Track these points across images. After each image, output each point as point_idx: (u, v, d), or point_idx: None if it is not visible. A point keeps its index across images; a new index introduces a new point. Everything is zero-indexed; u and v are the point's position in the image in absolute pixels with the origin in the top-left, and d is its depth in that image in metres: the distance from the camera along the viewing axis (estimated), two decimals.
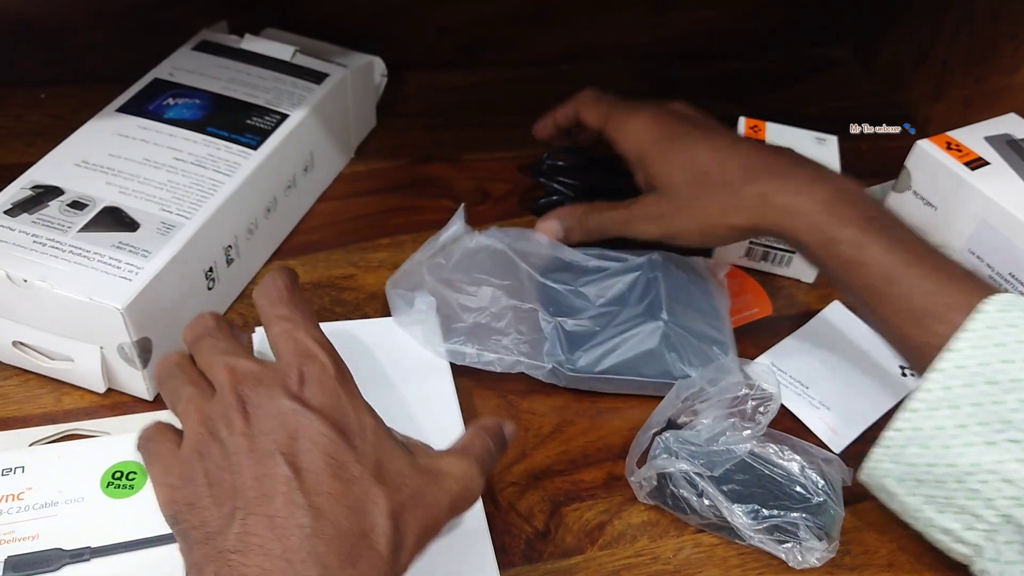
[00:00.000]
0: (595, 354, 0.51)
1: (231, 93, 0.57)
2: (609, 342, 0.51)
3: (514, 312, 0.51)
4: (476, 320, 0.51)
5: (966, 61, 0.76)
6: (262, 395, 0.33)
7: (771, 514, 0.44)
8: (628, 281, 0.54)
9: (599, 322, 0.52)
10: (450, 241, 0.53)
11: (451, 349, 0.50)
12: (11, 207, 0.47)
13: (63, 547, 0.38)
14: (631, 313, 0.53)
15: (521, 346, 0.51)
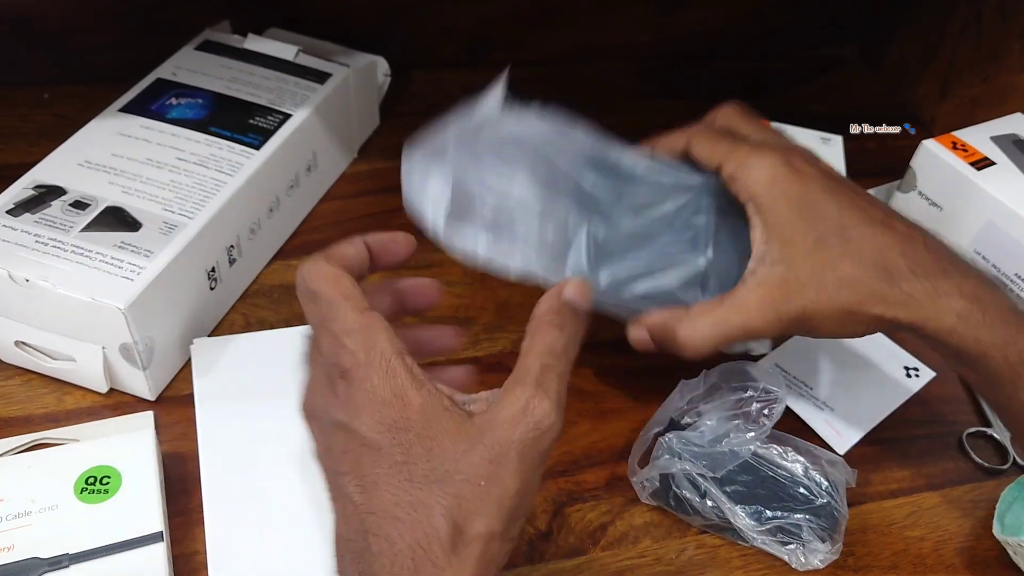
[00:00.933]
0: (623, 276, 0.44)
1: (234, 93, 0.57)
2: (641, 266, 0.45)
3: (543, 208, 0.43)
4: (500, 204, 0.42)
5: (974, 60, 0.75)
6: (317, 411, 0.33)
7: (774, 515, 0.44)
8: (679, 201, 0.47)
9: (636, 241, 0.45)
10: (486, 118, 0.44)
11: (461, 233, 0.41)
12: (13, 207, 0.47)
13: (40, 556, 0.38)
14: (673, 239, 0.46)
15: (544, 248, 0.43)
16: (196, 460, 0.45)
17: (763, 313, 0.42)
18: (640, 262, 0.45)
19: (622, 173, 0.47)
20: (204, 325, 0.52)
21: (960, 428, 0.53)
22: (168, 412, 0.48)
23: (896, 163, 0.66)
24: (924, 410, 0.54)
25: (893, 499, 0.49)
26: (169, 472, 0.45)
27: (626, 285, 0.44)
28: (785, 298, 0.42)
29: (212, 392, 0.47)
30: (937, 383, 0.55)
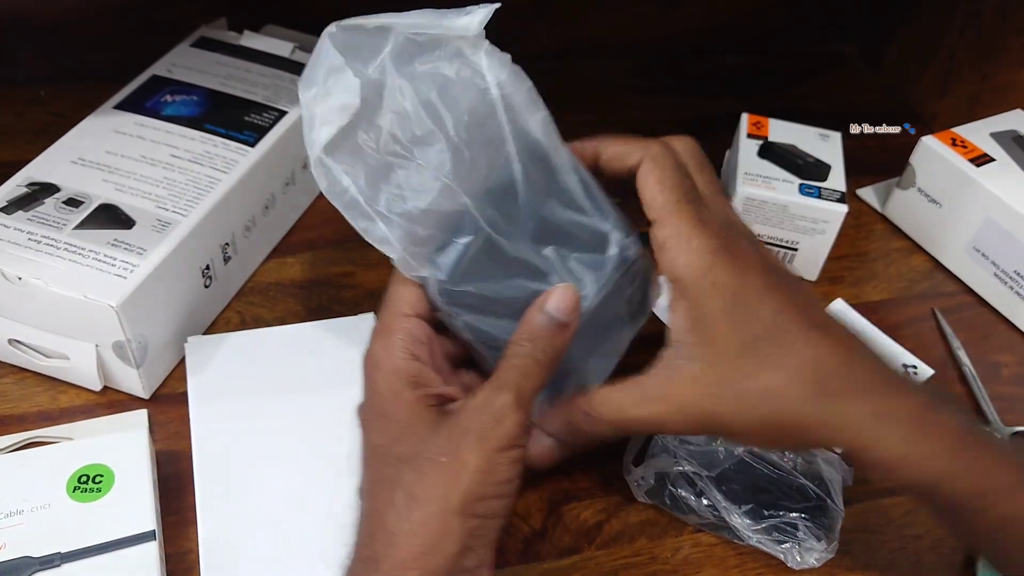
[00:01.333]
0: (474, 300, 0.38)
1: (229, 90, 0.57)
2: (501, 299, 0.38)
3: (448, 183, 0.36)
4: (399, 152, 0.35)
5: (973, 57, 0.75)
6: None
7: (770, 514, 0.44)
8: (580, 246, 0.40)
9: (512, 269, 0.38)
10: (447, 38, 0.38)
11: (337, 162, 0.35)
12: (6, 204, 0.47)
13: (32, 555, 0.38)
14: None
15: (417, 229, 0.36)
16: (189, 459, 0.44)
17: (667, 407, 0.37)
18: (503, 293, 0.38)
19: (552, 184, 0.39)
20: (198, 323, 0.52)
21: None
22: (162, 411, 0.48)
23: (895, 160, 0.66)
24: None
25: (891, 498, 0.49)
26: (162, 471, 0.44)
27: (473, 311, 0.38)
28: (695, 399, 0.37)
29: (206, 390, 0.47)
30: (935, 381, 0.55)
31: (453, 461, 0.33)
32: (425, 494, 0.33)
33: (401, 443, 0.35)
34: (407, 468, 0.34)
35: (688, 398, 0.37)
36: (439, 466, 0.33)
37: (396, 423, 0.35)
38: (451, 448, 0.33)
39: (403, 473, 0.34)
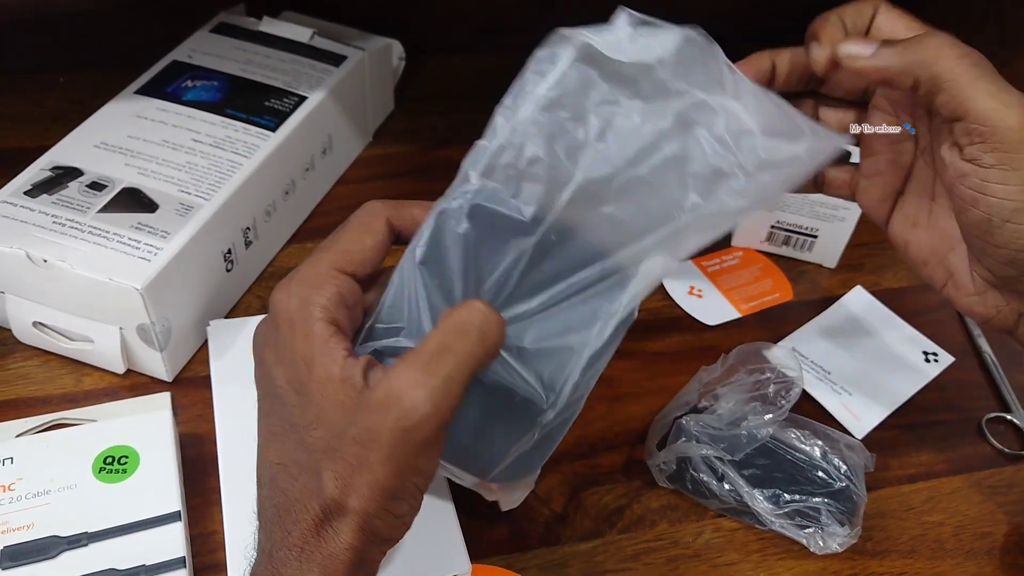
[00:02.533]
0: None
1: (249, 75, 0.57)
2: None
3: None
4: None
5: (993, 45, 0.74)
6: (256, 348, 0.34)
7: (792, 499, 0.44)
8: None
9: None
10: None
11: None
12: (31, 188, 0.47)
13: (59, 534, 0.39)
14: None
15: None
16: (213, 442, 0.44)
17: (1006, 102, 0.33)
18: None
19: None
20: (220, 307, 0.52)
21: (979, 413, 0.52)
22: (185, 393, 0.48)
23: None
24: (943, 395, 0.53)
25: (911, 484, 0.49)
26: (186, 453, 0.45)
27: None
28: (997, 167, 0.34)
29: (229, 373, 0.47)
30: (956, 368, 0.55)
31: (365, 471, 0.29)
32: (349, 502, 0.29)
33: (317, 426, 0.30)
34: (326, 461, 0.30)
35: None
36: (354, 471, 0.29)
37: (314, 402, 0.30)
38: (362, 455, 0.29)
39: (323, 465, 0.30)
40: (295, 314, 0.31)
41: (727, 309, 0.57)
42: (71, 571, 0.38)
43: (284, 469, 0.31)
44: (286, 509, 0.30)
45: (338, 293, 0.32)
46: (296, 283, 0.32)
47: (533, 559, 0.43)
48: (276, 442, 0.32)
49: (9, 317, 0.48)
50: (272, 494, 0.31)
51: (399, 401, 0.28)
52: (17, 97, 0.66)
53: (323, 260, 0.32)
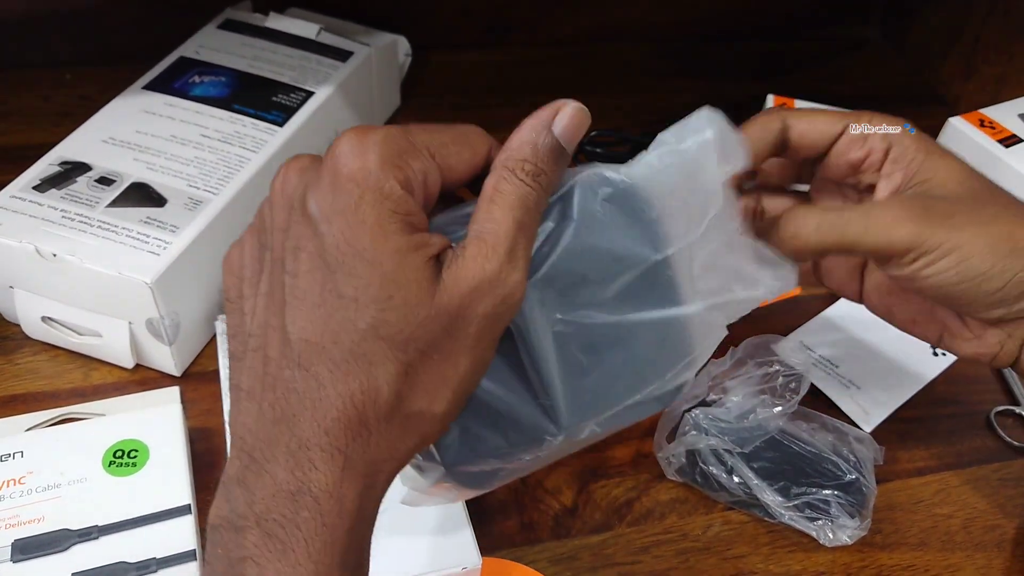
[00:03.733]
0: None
1: (256, 71, 0.57)
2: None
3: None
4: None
5: (1000, 38, 0.74)
6: (296, 184, 0.27)
7: (802, 491, 0.44)
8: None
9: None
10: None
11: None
12: (40, 183, 0.47)
13: (70, 527, 0.39)
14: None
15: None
16: (222, 436, 0.45)
17: (900, 216, 0.34)
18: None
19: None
20: None
21: (987, 407, 0.52)
22: (194, 388, 0.48)
23: None
24: (951, 389, 0.53)
25: (920, 477, 0.49)
26: (195, 447, 0.45)
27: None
28: (927, 209, 0.34)
29: None
30: (964, 362, 0.55)
31: (448, 366, 0.26)
32: (414, 403, 0.26)
33: (383, 308, 0.25)
34: (391, 352, 0.25)
35: (920, 208, 0.35)
36: (432, 366, 0.26)
37: (386, 276, 0.25)
38: (449, 347, 0.26)
39: (386, 356, 0.25)
40: (373, 173, 0.25)
41: None
42: (82, 564, 0.38)
43: (321, 352, 0.25)
44: (318, 401, 0.25)
45: (424, 174, 0.27)
46: (379, 142, 0.26)
47: (543, 552, 0.43)
48: (310, 314, 0.25)
49: (18, 312, 0.48)
50: (288, 383, 0.25)
51: (495, 285, 0.26)
52: (25, 93, 0.67)
53: (418, 135, 0.27)
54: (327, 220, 0.25)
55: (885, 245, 0.34)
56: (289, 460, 0.25)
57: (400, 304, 0.25)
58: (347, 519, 0.25)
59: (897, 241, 0.34)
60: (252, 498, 0.25)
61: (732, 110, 0.43)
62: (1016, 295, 0.35)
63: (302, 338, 0.25)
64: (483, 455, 0.30)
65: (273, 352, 0.26)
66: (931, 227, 0.34)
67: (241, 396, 0.27)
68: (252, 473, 0.25)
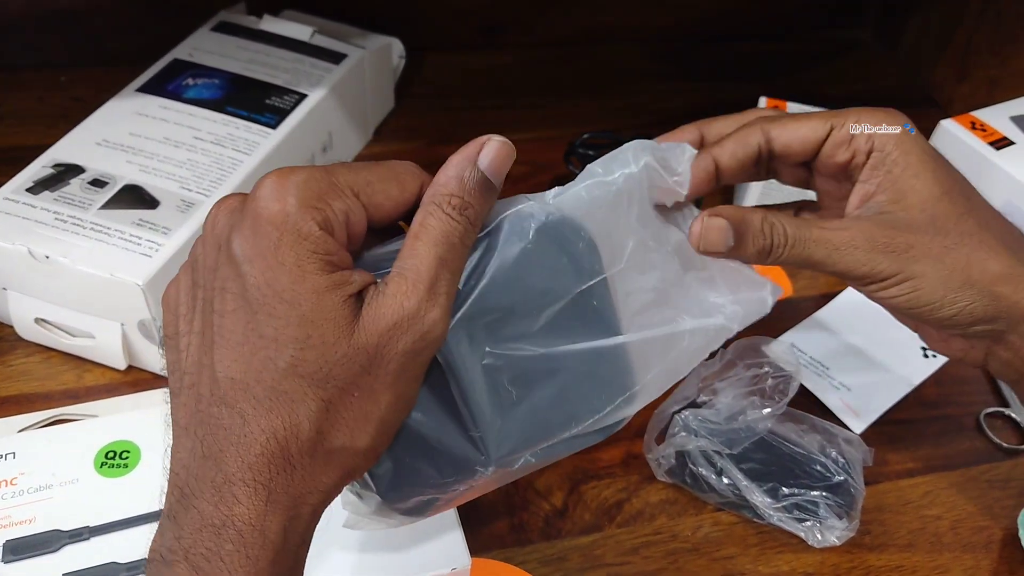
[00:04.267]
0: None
1: (250, 73, 0.57)
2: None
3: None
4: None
5: (992, 40, 0.74)
6: (223, 224, 0.27)
7: (791, 492, 0.44)
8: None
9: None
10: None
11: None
12: (33, 185, 0.47)
13: (61, 528, 0.39)
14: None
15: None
16: None
17: (860, 245, 0.35)
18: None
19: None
20: None
21: (977, 408, 0.53)
22: None
23: None
24: (941, 390, 0.54)
25: (910, 478, 0.49)
26: None
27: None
28: (887, 240, 0.35)
29: None
30: (954, 364, 0.55)
31: (367, 402, 0.27)
32: (335, 439, 0.27)
33: (303, 347, 0.26)
34: (311, 391, 0.26)
35: (880, 233, 0.36)
36: (351, 404, 0.27)
37: (304, 316, 0.26)
38: (368, 384, 0.27)
39: (306, 394, 0.26)
40: (291, 215, 0.26)
41: None
42: (73, 565, 0.38)
43: (245, 390, 0.26)
44: (243, 438, 0.26)
45: (346, 213, 0.27)
46: (299, 184, 0.26)
47: (533, 553, 0.43)
48: (233, 353, 0.26)
49: (11, 313, 0.48)
50: (216, 419, 0.26)
51: (414, 322, 0.26)
52: (19, 94, 0.67)
53: (340, 175, 0.27)
54: (249, 261, 0.26)
55: (843, 271, 0.36)
56: (214, 495, 0.26)
57: (318, 343, 0.26)
58: (270, 551, 0.26)
59: (855, 268, 0.35)
60: (180, 532, 0.26)
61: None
62: (968, 322, 0.36)
63: (228, 376, 0.26)
64: (417, 485, 0.31)
65: (204, 390, 0.27)
66: (888, 258, 0.35)
67: (178, 432, 0.28)
68: (181, 508, 0.26)
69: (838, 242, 0.36)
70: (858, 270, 0.35)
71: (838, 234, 0.36)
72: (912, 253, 0.35)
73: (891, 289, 0.36)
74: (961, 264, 0.35)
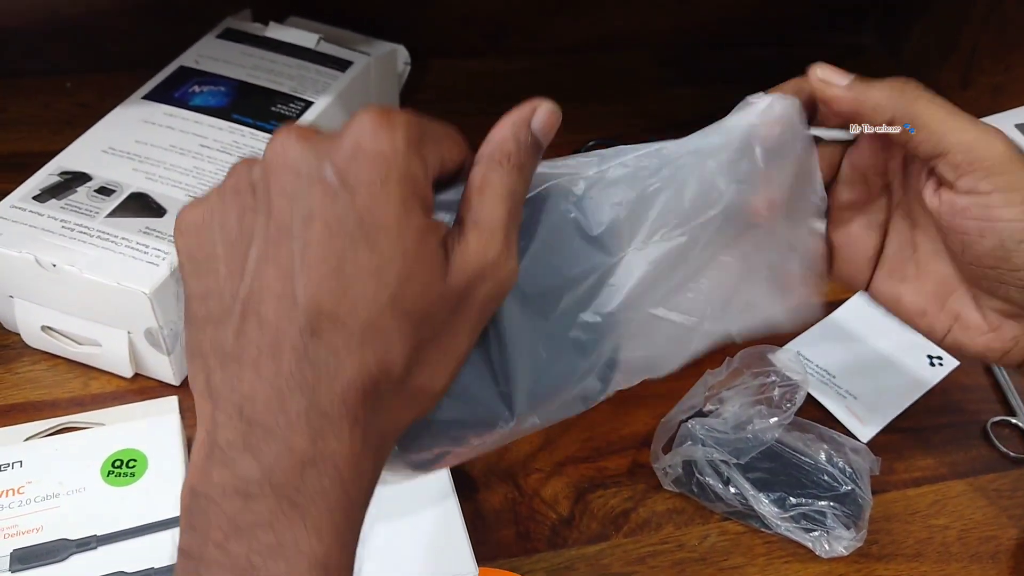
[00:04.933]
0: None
1: (256, 80, 0.57)
2: None
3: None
4: None
5: (996, 48, 0.74)
6: (304, 151, 0.26)
7: (798, 502, 0.44)
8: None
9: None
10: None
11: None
12: (40, 193, 0.47)
13: (68, 537, 0.39)
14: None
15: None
16: None
17: (996, 135, 0.33)
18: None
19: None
20: None
21: (984, 417, 0.53)
22: (192, 397, 0.48)
23: None
24: (947, 399, 0.54)
25: (917, 487, 0.49)
26: None
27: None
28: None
29: None
30: (960, 372, 0.55)
31: (451, 343, 0.27)
32: (419, 377, 0.27)
33: (402, 283, 0.25)
34: (407, 326, 0.25)
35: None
36: (438, 345, 0.27)
37: (394, 248, 0.25)
38: (454, 326, 0.27)
39: (398, 328, 0.25)
40: (400, 154, 0.25)
41: None
42: (80, 574, 0.38)
43: (336, 321, 0.25)
44: (320, 378, 0.25)
45: (437, 160, 0.27)
46: (404, 125, 0.26)
47: (539, 562, 0.43)
48: (323, 283, 0.25)
49: (18, 321, 0.48)
50: (289, 358, 0.25)
51: (494, 270, 0.27)
52: (25, 101, 0.67)
53: (429, 125, 0.27)
54: (351, 191, 0.25)
55: (980, 157, 0.33)
56: (308, 428, 0.25)
57: (418, 281, 0.25)
58: (366, 488, 0.26)
59: (995, 157, 0.33)
60: (264, 465, 0.24)
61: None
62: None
63: (314, 306, 0.25)
64: (438, 436, 0.31)
65: (278, 319, 0.25)
66: (996, 152, 0.33)
67: (226, 360, 0.26)
68: (261, 440, 0.25)
69: (956, 121, 0.33)
70: (999, 161, 0.33)
71: (953, 116, 0.34)
72: (1015, 165, 0.33)
73: (1012, 194, 0.33)
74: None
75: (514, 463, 0.47)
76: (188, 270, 0.27)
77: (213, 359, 0.26)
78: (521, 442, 0.48)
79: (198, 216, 0.27)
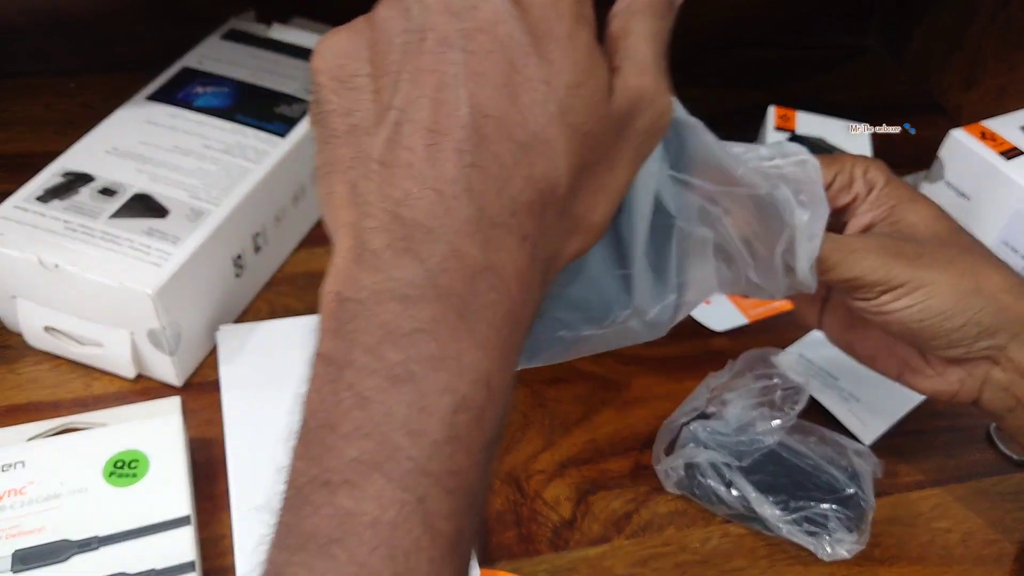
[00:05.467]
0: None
1: (259, 81, 0.57)
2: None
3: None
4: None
5: (1000, 49, 0.74)
6: None
7: (800, 505, 0.44)
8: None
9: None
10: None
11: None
12: (43, 193, 0.48)
13: (70, 538, 0.39)
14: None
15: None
16: (222, 446, 0.45)
17: (873, 250, 0.37)
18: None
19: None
20: (229, 312, 0.52)
21: (987, 420, 0.52)
22: (194, 398, 0.48)
23: (923, 153, 0.65)
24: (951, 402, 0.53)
25: (920, 491, 0.49)
26: (195, 457, 0.45)
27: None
28: (898, 248, 0.37)
29: (238, 378, 0.48)
30: None
31: (616, 171, 0.27)
32: (579, 204, 0.26)
33: (578, 99, 0.25)
34: (577, 144, 0.25)
35: (893, 246, 0.37)
36: (597, 175, 0.26)
37: (568, 62, 0.25)
38: (615, 155, 0.27)
39: (563, 138, 0.25)
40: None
41: (735, 315, 0.57)
42: (82, 575, 0.38)
43: (503, 130, 0.24)
44: (487, 185, 0.24)
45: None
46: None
47: (541, 564, 0.43)
48: (492, 92, 0.24)
49: (20, 322, 0.48)
50: (450, 164, 0.24)
51: (653, 100, 0.27)
52: (28, 101, 0.67)
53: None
54: (523, 7, 0.25)
55: (857, 275, 0.37)
56: (477, 234, 0.23)
57: (587, 94, 0.25)
58: (532, 308, 0.25)
59: (869, 273, 0.36)
60: (429, 268, 0.23)
61: (734, 117, 0.44)
62: (975, 334, 0.37)
63: (482, 113, 0.24)
64: (548, 321, 0.30)
65: (433, 122, 0.24)
66: (900, 264, 0.36)
67: (374, 167, 0.24)
68: (423, 243, 0.23)
69: (855, 245, 0.37)
70: (872, 275, 0.36)
71: (853, 239, 0.37)
72: (923, 260, 0.36)
73: (904, 299, 0.36)
74: (969, 271, 0.37)
75: (516, 465, 0.47)
76: (329, 88, 0.26)
77: (358, 169, 0.25)
78: (523, 443, 0.48)
79: (343, 38, 0.27)
